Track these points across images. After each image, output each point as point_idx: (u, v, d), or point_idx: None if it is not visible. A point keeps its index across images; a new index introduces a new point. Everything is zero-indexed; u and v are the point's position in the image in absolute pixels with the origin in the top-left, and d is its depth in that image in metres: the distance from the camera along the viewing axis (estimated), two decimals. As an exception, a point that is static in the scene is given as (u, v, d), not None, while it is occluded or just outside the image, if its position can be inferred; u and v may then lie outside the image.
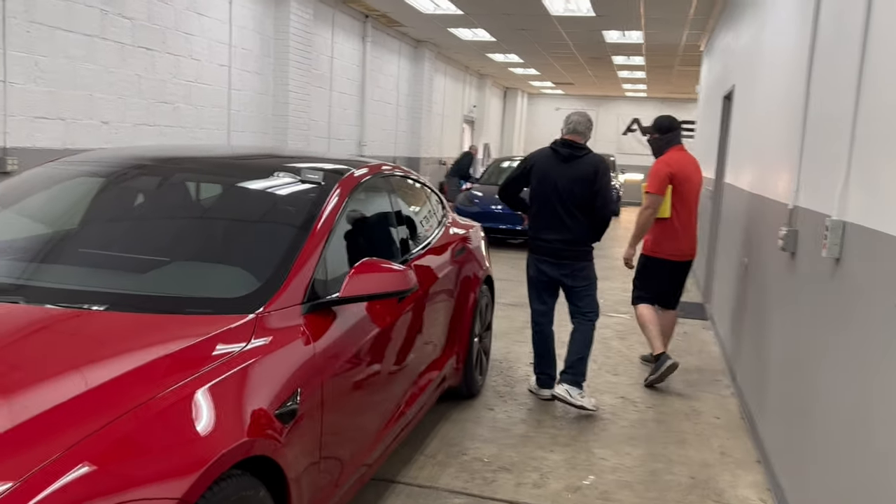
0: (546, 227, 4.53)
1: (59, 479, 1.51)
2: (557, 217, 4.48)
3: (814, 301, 3.06)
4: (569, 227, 4.48)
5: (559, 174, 4.47)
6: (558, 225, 4.49)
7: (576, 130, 4.60)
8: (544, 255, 4.57)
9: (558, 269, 4.57)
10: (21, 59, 5.85)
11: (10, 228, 2.91)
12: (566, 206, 4.45)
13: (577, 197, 4.44)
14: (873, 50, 2.56)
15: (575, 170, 4.46)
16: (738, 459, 3.97)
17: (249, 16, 9.03)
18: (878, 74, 2.48)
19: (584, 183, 4.43)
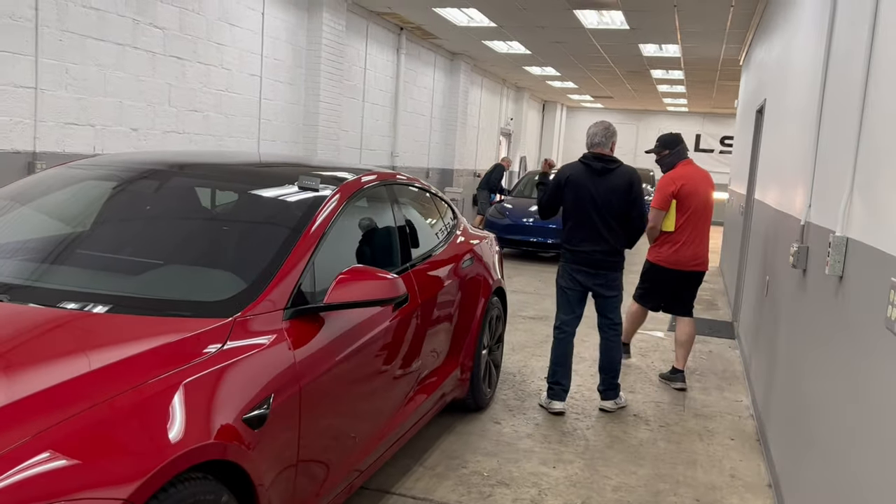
0: (584, 239, 4.64)
1: (2, 474, 1.52)
2: (595, 229, 4.61)
3: (818, 321, 2.95)
4: (606, 238, 4.61)
5: (595, 187, 4.58)
6: (596, 236, 4.61)
7: (598, 143, 4.69)
8: (582, 265, 4.67)
9: (594, 278, 4.69)
10: (53, 67, 6.01)
11: (11, 228, 2.97)
12: (604, 218, 4.59)
13: (615, 208, 4.58)
14: (877, 65, 2.47)
15: (610, 182, 4.59)
16: (749, 483, 3.84)
17: (282, 27, 9.16)
18: (880, 90, 2.39)
19: (621, 194, 4.58)
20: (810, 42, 4.15)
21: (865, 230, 2.38)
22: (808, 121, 3.77)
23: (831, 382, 2.65)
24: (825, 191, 3.13)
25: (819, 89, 3.46)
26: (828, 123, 3.27)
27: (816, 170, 3.38)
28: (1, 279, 2.51)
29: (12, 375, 1.86)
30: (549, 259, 12.11)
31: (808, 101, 3.90)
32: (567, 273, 4.75)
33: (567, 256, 4.73)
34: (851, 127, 2.66)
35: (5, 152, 5.72)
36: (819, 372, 2.89)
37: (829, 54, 3.41)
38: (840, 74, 3.11)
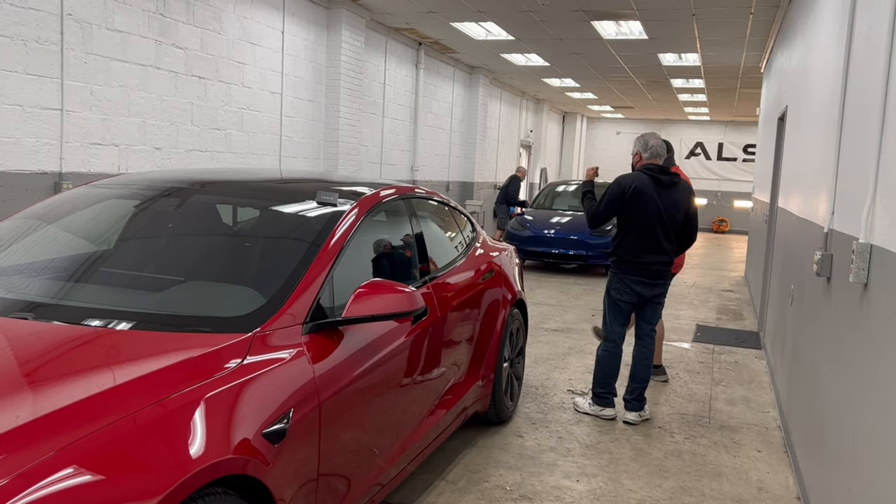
0: (647, 251, 4.69)
1: (27, 489, 1.54)
2: (657, 240, 4.68)
3: (844, 329, 2.90)
4: (666, 249, 4.73)
5: (661, 199, 4.65)
6: (657, 247, 4.69)
7: (660, 155, 4.81)
8: (642, 276, 4.73)
9: (652, 289, 4.77)
10: (78, 89, 6.12)
11: (37, 247, 3.03)
12: (666, 230, 4.69)
13: (676, 222, 4.72)
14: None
15: (674, 195, 4.70)
16: (776, 495, 3.78)
17: (301, 45, 9.26)
18: (901, 89, 2.36)
19: (681, 208, 4.72)
20: (830, 48, 4.12)
21: (889, 237, 2.35)
22: (830, 127, 3.73)
23: (860, 392, 2.60)
24: (848, 197, 3.09)
25: (840, 95, 3.43)
26: (849, 129, 3.24)
27: (839, 176, 3.34)
28: (27, 298, 2.55)
29: (37, 392, 1.88)
30: (570, 271, 12.06)
31: (829, 107, 3.86)
32: (625, 285, 4.75)
33: (625, 268, 4.73)
34: (873, 132, 2.62)
35: (32, 173, 5.83)
36: (847, 381, 2.84)
37: (848, 60, 3.37)
38: (860, 80, 3.08)
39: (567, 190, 13.77)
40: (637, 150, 4.83)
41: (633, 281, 4.72)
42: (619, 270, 4.76)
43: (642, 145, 4.80)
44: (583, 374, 5.79)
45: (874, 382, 2.38)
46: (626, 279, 4.73)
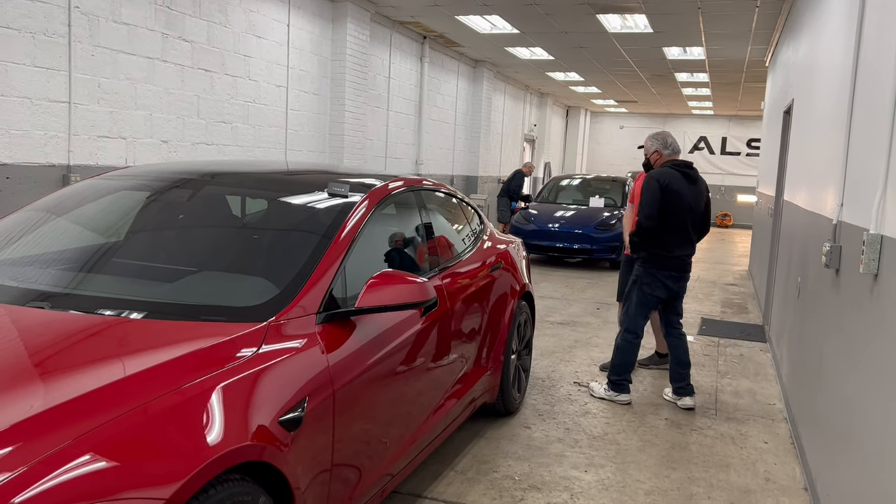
0: (678, 244, 4.81)
1: (48, 475, 1.56)
2: (687, 234, 4.84)
3: (853, 320, 2.91)
4: (692, 242, 4.91)
5: (690, 194, 4.80)
6: (686, 241, 4.85)
7: (678, 150, 4.98)
8: (674, 270, 4.84)
9: (680, 281, 4.92)
10: (85, 81, 6.14)
11: (49, 239, 3.05)
12: (694, 224, 4.87)
13: (700, 215, 4.90)
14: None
15: (698, 190, 4.88)
16: (784, 486, 3.80)
17: (307, 38, 9.26)
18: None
19: (703, 201, 4.94)
20: (839, 40, 4.12)
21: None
22: (839, 119, 3.74)
23: (868, 382, 2.62)
24: (857, 189, 3.09)
25: (849, 87, 3.43)
26: (859, 121, 3.24)
27: (848, 168, 3.34)
28: (42, 288, 2.57)
29: (56, 379, 1.90)
30: (575, 265, 12.07)
31: (838, 99, 3.86)
32: (656, 280, 4.84)
33: (659, 263, 4.82)
34: (884, 123, 2.63)
35: (41, 165, 5.85)
36: (854, 372, 2.85)
37: (858, 51, 3.37)
38: (870, 71, 3.08)
39: (571, 184, 13.76)
40: (656, 147, 4.94)
41: (666, 276, 4.82)
42: (652, 266, 4.82)
43: (661, 143, 4.92)
44: (588, 367, 5.81)
45: (884, 372, 2.39)
46: (659, 274, 4.82)
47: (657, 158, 4.96)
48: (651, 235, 4.73)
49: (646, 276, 4.85)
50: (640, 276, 4.89)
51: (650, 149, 5.00)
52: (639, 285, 4.90)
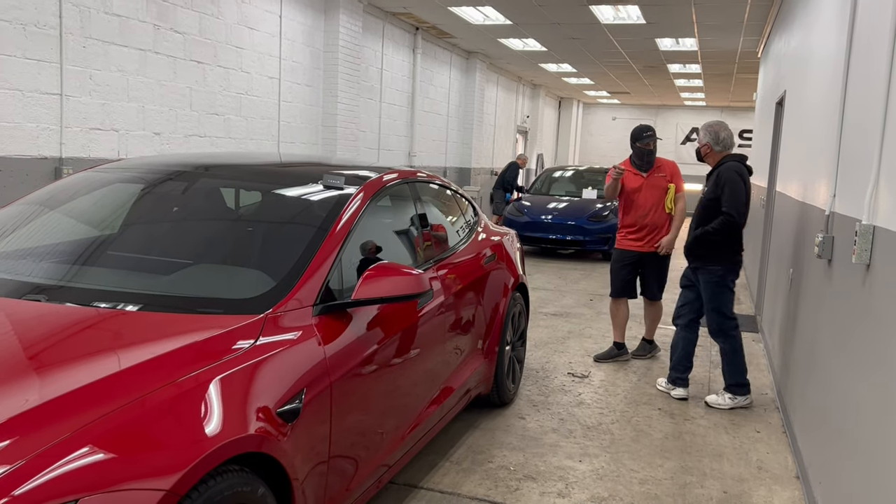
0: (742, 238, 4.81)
1: (47, 468, 1.57)
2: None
3: (845, 310, 2.94)
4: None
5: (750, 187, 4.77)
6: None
7: (730, 146, 4.89)
8: (740, 264, 4.85)
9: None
10: (77, 73, 6.10)
11: (43, 232, 3.04)
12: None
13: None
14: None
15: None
16: (776, 475, 3.83)
17: (299, 29, 9.22)
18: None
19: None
20: (832, 30, 4.13)
21: (893, 217, 2.38)
22: (831, 110, 3.76)
23: (859, 372, 2.64)
24: (850, 180, 3.12)
25: (842, 77, 3.45)
26: (851, 112, 3.26)
27: (840, 159, 3.37)
28: (37, 281, 2.57)
29: (53, 372, 1.91)
30: (568, 256, 12.10)
31: (831, 90, 3.88)
32: (735, 274, 4.80)
33: (738, 258, 4.79)
34: (876, 114, 2.65)
35: (33, 158, 5.82)
36: (846, 361, 2.88)
37: (851, 42, 3.39)
38: (863, 62, 3.10)
39: (564, 176, 13.77)
40: (707, 141, 4.84)
41: (740, 268, 4.83)
42: (733, 262, 4.76)
43: (713, 137, 4.83)
44: (582, 357, 5.84)
45: (876, 362, 2.42)
46: (738, 269, 4.83)
47: (707, 152, 4.87)
48: (736, 232, 4.66)
49: (731, 275, 4.76)
50: (724, 276, 4.73)
51: (701, 140, 4.90)
52: (726, 285, 4.76)
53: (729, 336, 4.84)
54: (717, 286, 4.76)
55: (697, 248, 4.76)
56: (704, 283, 4.81)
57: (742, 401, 4.84)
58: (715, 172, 4.77)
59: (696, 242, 4.75)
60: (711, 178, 4.80)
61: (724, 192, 4.61)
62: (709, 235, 4.66)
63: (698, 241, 4.73)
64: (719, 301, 4.79)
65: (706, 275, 4.78)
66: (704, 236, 4.68)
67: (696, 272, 4.89)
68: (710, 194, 4.73)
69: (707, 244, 4.70)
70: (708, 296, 4.81)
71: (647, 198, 5.65)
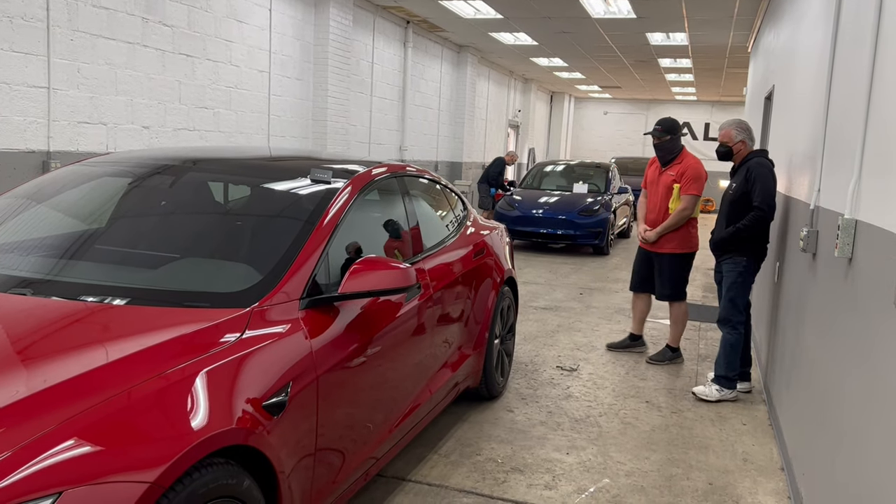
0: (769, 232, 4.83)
1: (31, 460, 1.58)
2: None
3: (828, 303, 2.97)
4: None
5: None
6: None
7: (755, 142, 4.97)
8: (764, 257, 4.88)
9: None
10: (65, 66, 6.08)
11: (30, 225, 3.03)
12: None
13: None
14: (884, 48, 2.48)
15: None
16: (761, 466, 3.87)
17: (289, 23, 9.20)
18: (886, 73, 2.41)
19: None
20: (818, 26, 4.16)
21: (874, 212, 2.40)
22: (817, 105, 3.79)
23: (842, 364, 2.67)
24: (834, 174, 3.14)
25: (827, 73, 3.47)
26: (836, 107, 3.29)
27: (825, 154, 3.39)
28: (23, 274, 2.57)
29: (38, 366, 1.91)
30: (558, 250, 12.14)
31: (816, 85, 3.91)
32: (758, 267, 4.85)
33: (764, 251, 4.83)
34: (859, 110, 2.67)
35: (20, 151, 5.79)
36: (830, 354, 2.91)
37: (836, 38, 3.42)
38: (847, 58, 3.13)
39: (555, 170, 13.79)
40: (742, 138, 4.86)
41: (762, 262, 4.87)
42: (759, 254, 4.80)
43: (748, 134, 4.89)
44: (571, 351, 5.87)
45: (859, 355, 2.45)
46: (761, 262, 4.86)
47: (741, 149, 4.87)
48: (767, 226, 4.69)
49: (753, 268, 4.80)
50: (748, 267, 4.77)
51: (735, 138, 4.87)
52: (746, 278, 4.80)
53: (734, 328, 4.87)
54: (740, 276, 4.81)
55: (729, 244, 4.79)
56: (728, 272, 4.85)
57: (729, 394, 4.88)
58: (744, 167, 4.77)
59: (728, 239, 4.77)
60: (739, 173, 4.80)
61: (755, 186, 4.63)
62: (742, 233, 4.68)
63: (731, 237, 4.75)
64: (736, 291, 4.84)
65: (731, 264, 4.83)
66: (737, 234, 4.70)
67: (721, 264, 4.94)
68: (740, 189, 4.73)
69: (738, 240, 4.74)
70: (728, 284, 4.86)
71: (655, 194, 5.68)
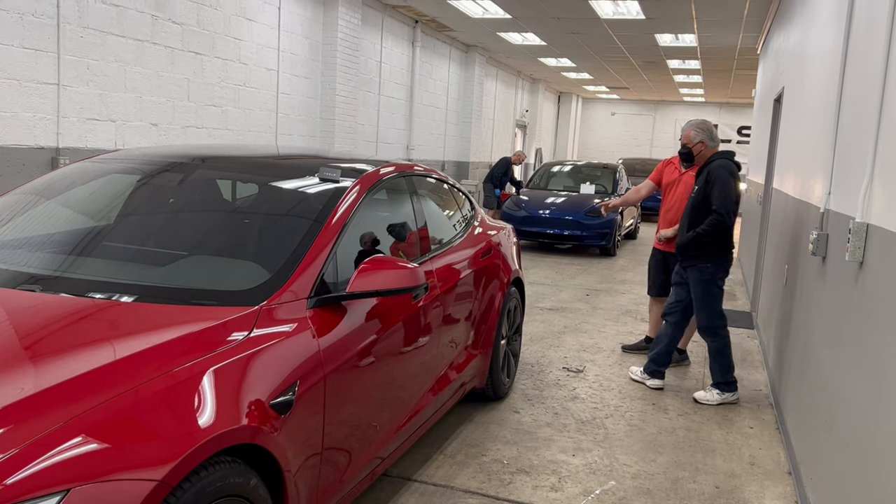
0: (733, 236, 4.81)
1: (39, 457, 1.58)
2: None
3: (838, 307, 2.95)
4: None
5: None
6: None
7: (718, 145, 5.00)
8: (731, 262, 4.86)
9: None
10: (74, 63, 6.09)
11: (39, 222, 3.04)
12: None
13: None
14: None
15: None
16: (768, 470, 3.85)
17: (298, 21, 9.20)
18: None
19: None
20: (829, 28, 4.14)
21: (885, 215, 2.38)
22: (828, 108, 3.76)
23: (852, 369, 2.66)
24: (845, 177, 3.12)
25: (838, 76, 3.45)
26: (847, 110, 3.26)
27: (836, 157, 3.37)
28: (32, 271, 2.57)
29: (47, 362, 1.91)
30: (565, 251, 12.12)
31: (828, 87, 3.88)
32: (725, 271, 4.84)
33: (730, 256, 4.81)
34: (871, 113, 2.65)
35: (30, 148, 5.81)
36: (839, 359, 2.89)
37: (848, 40, 3.39)
38: (859, 60, 3.11)
39: (562, 170, 13.77)
40: (701, 139, 4.89)
41: (730, 266, 4.85)
42: (724, 259, 4.79)
43: (708, 135, 4.91)
44: (578, 353, 5.85)
45: (869, 359, 2.43)
46: (728, 266, 4.84)
47: (701, 150, 4.90)
48: (727, 230, 4.67)
49: (720, 272, 4.78)
50: (713, 272, 4.76)
51: (694, 139, 4.91)
52: (715, 282, 4.79)
53: (718, 335, 4.86)
54: (708, 284, 4.79)
55: (689, 248, 4.78)
56: (695, 281, 4.83)
57: (730, 397, 4.86)
58: (705, 170, 4.76)
59: (688, 244, 4.76)
60: (701, 175, 4.80)
61: (713, 190, 4.61)
62: (701, 238, 4.68)
63: (691, 242, 4.75)
64: (709, 299, 4.82)
65: (697, 273, 4.81)
66: (697, 238, 4.70)
67: (686, 270, 4.90)
68: (701, 192, 4.73)
69: (699, 244, 4.73)
70: (698, 294, 4.83)
71: (673, 194, 5.65)
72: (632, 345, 6.03)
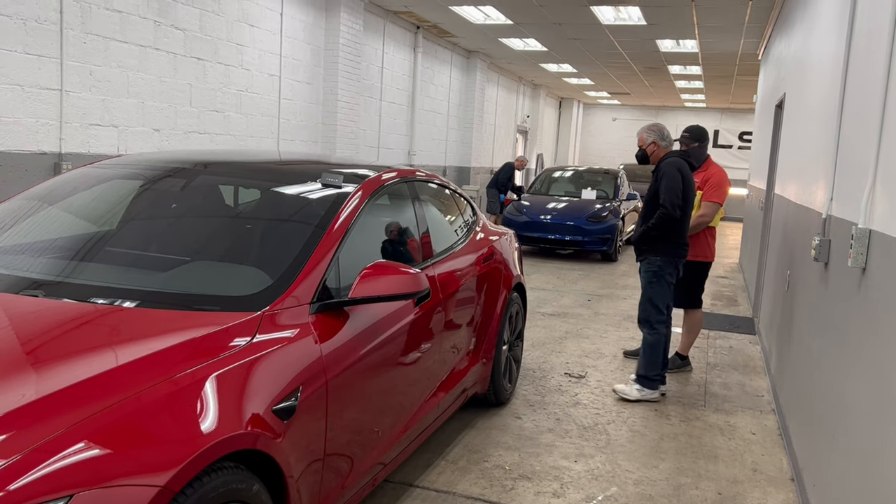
0: (686, 231, 4.93)
1: (42, 463, 1.58)
2: (689, 221, 4.97)
3: (840, 313, 2.95)
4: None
5: (692, 183, 4.93)
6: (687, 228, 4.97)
7: (671, 144, 5.13)
8: (684, 257, 4.96)
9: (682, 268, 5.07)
10: (77, 69, 6.11)
11: (42, 227, 3.04)
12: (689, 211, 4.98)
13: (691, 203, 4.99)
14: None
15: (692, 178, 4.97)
16: (771, 477, 3.84)
17: (300, 27, 9.22)
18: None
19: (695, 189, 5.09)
20: (831, 34, 4.14)
21: (888, 222, 2.38)
22: (830, 114, 3.77)
23: (854, 375, 2.65)
24: (847, 183, 3.12)
25: (840, 81, 3.46)
26: (849, 116, 3.27)
27: (838, 163, 3.37)
28: (35, 276, 2.57)
29: (50, 368, 1.91)
30: (566, 256, 12.11)
31: (829, 93, 3.89)
32: (675, 268, 4.93)
33: (678, 251, 4.90)
34: (873, 118, 2.66)
35: (32, 153, 5.82)
36: (841, 364, 2.89)
37: (850, 46, 3.40)
38: (861, 66, 3.11)
39: (563, 176, 13.78)
40: (653, 139, 5.04)
41: (679, 262, 4.94)
42: (672, 254, 4.87)
43: (658, 135, 5.05)
44: (579, 358, 5.85)
45: (871, 365, 2.43)
46: (678, 262, 4.91)
47: (654, 150, 5.05)
48: (675, 225, 4.78)
49: (668, 266, 4.88)
50: (661, 267, 4.87)
51: (647, 140, 5.08)
52: (661, 277, 4.87)
53: (653, 329, 4.93)
54: (655, 276, 4.91)
55: (640, 243, 4.95)
56: (644, 273, 4.99)
57: (650, 394, 4.91)
58: (659, 168, 4.94)
59: (639, 238, 4.94)
60: (655, 174, 4.98)
61: (661, 185, 4.79)
62: (649, 231, 4.84)
63: (641, 237, 4.92)
64: (653, 292, 4.93)
65: (647, 265, 4.96)
66: (646, 233, 4.86)
67: (640, 264, 5.07)
68: (652, 189, 4.93)
69: (649, 239, 4.89)
70: (643, 285, 4.99)
71: None
72: (633, 350, 6.01)
